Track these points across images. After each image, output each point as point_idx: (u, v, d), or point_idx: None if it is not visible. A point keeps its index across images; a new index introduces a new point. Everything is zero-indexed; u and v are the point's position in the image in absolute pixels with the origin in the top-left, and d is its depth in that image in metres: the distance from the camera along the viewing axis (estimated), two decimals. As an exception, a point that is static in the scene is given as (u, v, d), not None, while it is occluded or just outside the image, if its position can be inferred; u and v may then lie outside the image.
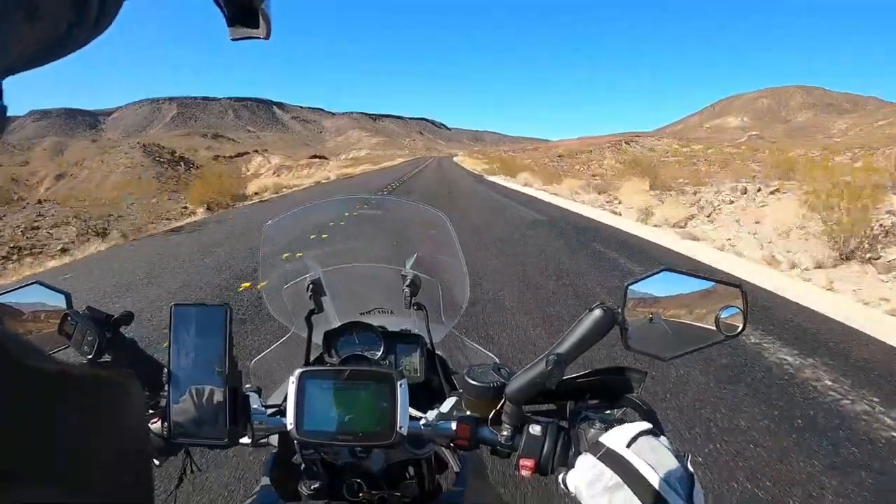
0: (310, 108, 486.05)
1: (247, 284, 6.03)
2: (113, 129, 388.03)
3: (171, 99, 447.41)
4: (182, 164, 67.15)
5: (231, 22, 0.49)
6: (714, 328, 0.81)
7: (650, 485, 0.66)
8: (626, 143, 71.63)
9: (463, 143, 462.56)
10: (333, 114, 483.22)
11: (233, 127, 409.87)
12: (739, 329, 0.81)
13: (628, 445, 0.71)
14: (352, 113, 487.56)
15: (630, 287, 0.81)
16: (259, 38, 0.51)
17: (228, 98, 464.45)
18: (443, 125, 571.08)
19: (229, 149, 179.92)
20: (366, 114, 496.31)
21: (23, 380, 0.22)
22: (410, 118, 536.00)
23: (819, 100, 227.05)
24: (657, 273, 0.82)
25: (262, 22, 0.50)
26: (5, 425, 0.20)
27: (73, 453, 0.23)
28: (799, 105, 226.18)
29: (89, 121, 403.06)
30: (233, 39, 0.51)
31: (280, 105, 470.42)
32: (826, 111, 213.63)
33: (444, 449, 1.15)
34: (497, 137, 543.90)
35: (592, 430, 0.79)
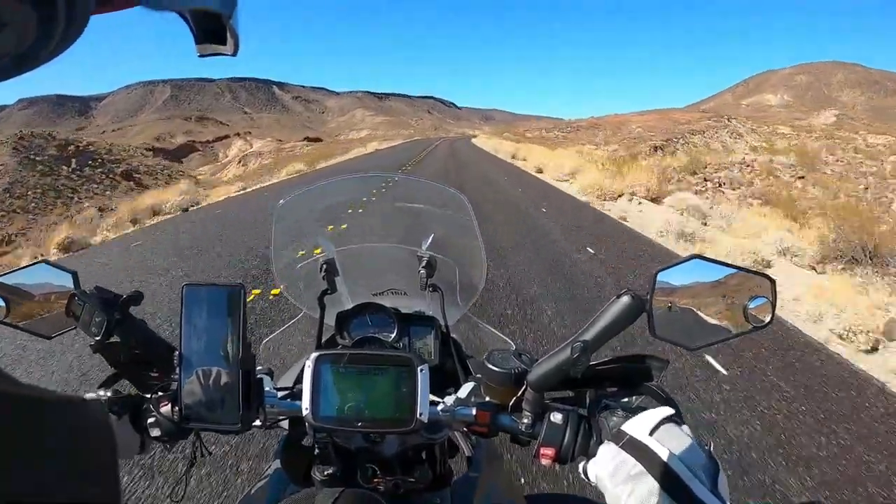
0: (312, 87, 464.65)
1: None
2: (104, 115, 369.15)
3: (164, 81, 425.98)
4: (74, 161, 46.24)
5: (198, 39, 0.48)
6: (742, 318, 0.79)
7: (674, 473, 0.65)
8: (729, 119, 52.28)
9: (473, 122, 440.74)
10: (337, 93, 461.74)
11: (228, 109, 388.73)
12: (768, 320, 0.79)
13: (651, 433, 0.70)
14: (356, 92, 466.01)
15: (659, 274, 0.80)
16: (226, 54, 0.50)
17: (226, 79, 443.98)
18: (452, 104, 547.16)
19: (214, 132, 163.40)
20: (371, 93, 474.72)
21: None
22: (418, 97, 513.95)
23: (863, 77, 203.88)
24: (687, 260, 0.80)
25: (229, 38, 0.48)
26: None
27: (33, 479, 0.24)
28: (841, 82, 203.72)
29: (79, 107, 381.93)
30: (200, 56, 0.49)
31: (281, 85, 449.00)
32: (873, 89, 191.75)
33: (457, 434, 1.13)
34: (507, 116, 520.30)
35: (614, 418, 0.78)
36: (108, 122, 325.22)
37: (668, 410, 0.74)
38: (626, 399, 0.84)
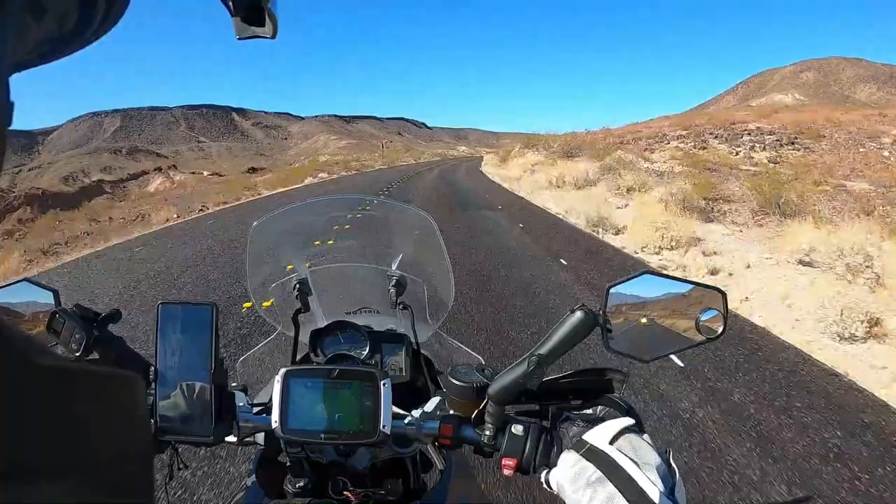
0: (276, 113, 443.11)
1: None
2: (50, 150, 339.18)
3: (114, 111, 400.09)
4: None
5: (237, 21, 0.49)
6: (695, 329, 0.81)
7: (633, 479, 0.66)
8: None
9: (446, 141, 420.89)
10: (302, 118, 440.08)
11: (182, 138, 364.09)
12: (720, 332, 0.80)
13: (611, 442, 0.72)
14: (322, 116, 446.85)
15: (611, 289, 0.81)
16: (265, 37, 0.50)
17: (181, 107, 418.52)
18: (423, 124, 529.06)
19: (149, 165, 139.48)
20: (338, 116, 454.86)
21: (31, 377, 0.22)
22: (388, 118, 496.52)
23: (874, 72, 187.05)
24: (638, 276, 0.82)
25: (268, 21, 0.49)
26: (12, 423, 0.20)
27: (78, 451, 0.23)
28: (852, 78, 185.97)
29: (25, 143, 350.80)
30: (239, 39, 0.50)
31: (241, 111, 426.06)
32: (890, 84, 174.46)
33: (429, 448, 1.14)
34: (481, 134, 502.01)
35: (575, 428, 0.80)
36: (53, 157, 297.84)
37: (628, 421, 0.75)
38: (588, 411, 0.86)
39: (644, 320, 0.83)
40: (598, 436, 0.74)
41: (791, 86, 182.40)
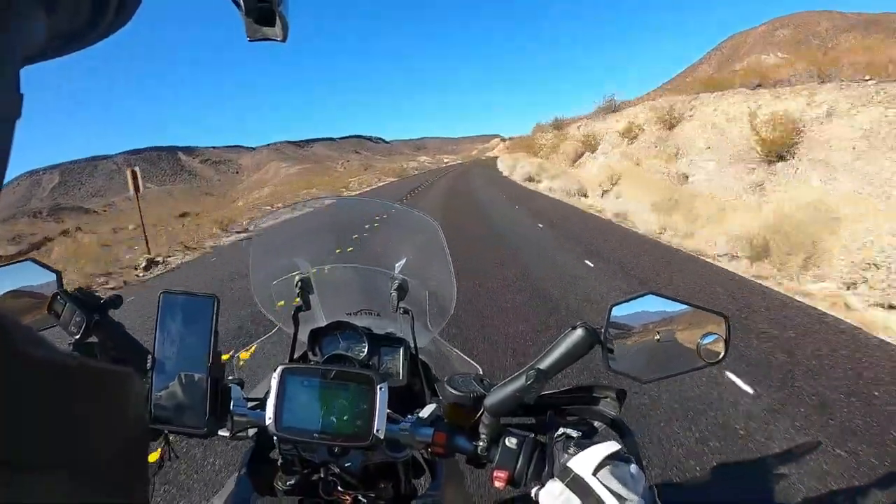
0: (225, 146, 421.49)
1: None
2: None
3: (52, 167, 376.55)
4: None
5: (249, 22, 0.48)
6: (695, 353, 0.81)
7: None
8: None
9: (405, 154, 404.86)
10: (252, 148, 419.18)
11: (126, 187, 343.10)
12: (721, 356, 0.81)
13: (595, 472, 0.72)
14: (274, 143, 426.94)
15: (614, 308, 0.82)
16: (276, 40, 0.50)
17: (123, 153, 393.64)
18: (380, 139, 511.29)
19: (70, 223, 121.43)
20: (291, 142, 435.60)
21: (28, 370, 0.22)
22: (343, 138, 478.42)
23: (854, 21, 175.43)
24: (642, 296, 0.82)
25: (279, 23, 0.49)
26: (7, 414, 0.20)
27: (74, 443, 0.23)
28: (831, 30, 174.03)
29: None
30: (250, 40, 0.50)
31: (187, 150, 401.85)
32: (874, 30, 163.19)
33: (422, 454, 1.14)
34: (440, 142, 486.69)
35: (565, 453, 0.79)
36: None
37: (614, 447, 0.75)
38: (583, 427, 0.86)
39: (645, 341, 0.82)
40: (583, 464, 0.73)
41: (768, 45, 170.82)
